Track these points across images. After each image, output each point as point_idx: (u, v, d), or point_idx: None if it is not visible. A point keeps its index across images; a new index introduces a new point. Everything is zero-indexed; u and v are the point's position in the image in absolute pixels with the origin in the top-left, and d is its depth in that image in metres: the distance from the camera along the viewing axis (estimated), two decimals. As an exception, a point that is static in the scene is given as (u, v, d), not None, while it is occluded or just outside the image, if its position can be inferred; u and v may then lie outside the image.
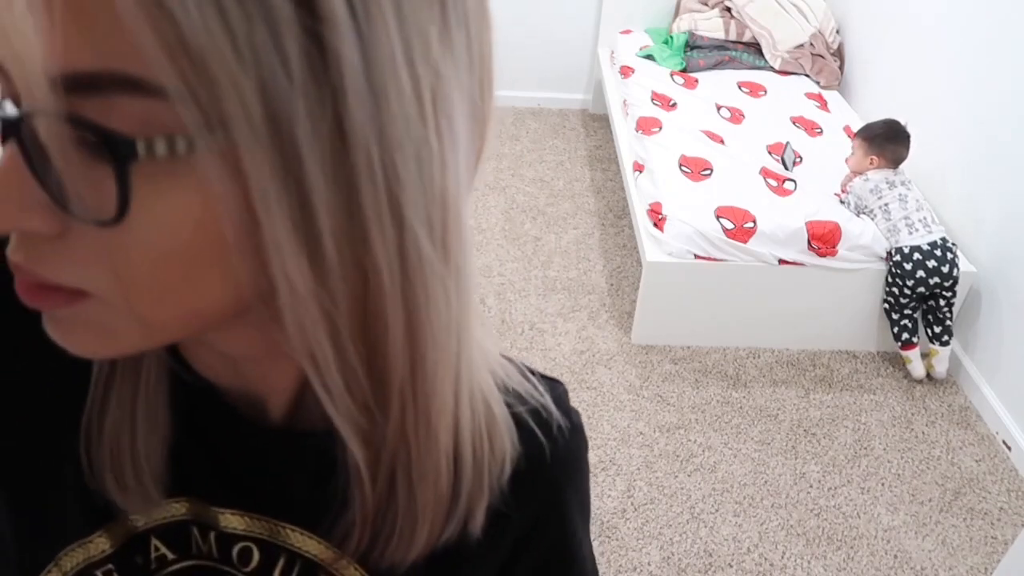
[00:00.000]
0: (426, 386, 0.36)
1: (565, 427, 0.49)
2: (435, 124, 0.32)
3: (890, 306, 2.54)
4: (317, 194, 0.29)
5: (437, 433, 0.38)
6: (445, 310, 0.35)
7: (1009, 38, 2.44)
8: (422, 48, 0.30)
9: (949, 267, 2.42)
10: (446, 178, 0.33)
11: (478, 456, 0.41)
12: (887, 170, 2.62)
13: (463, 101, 0.34)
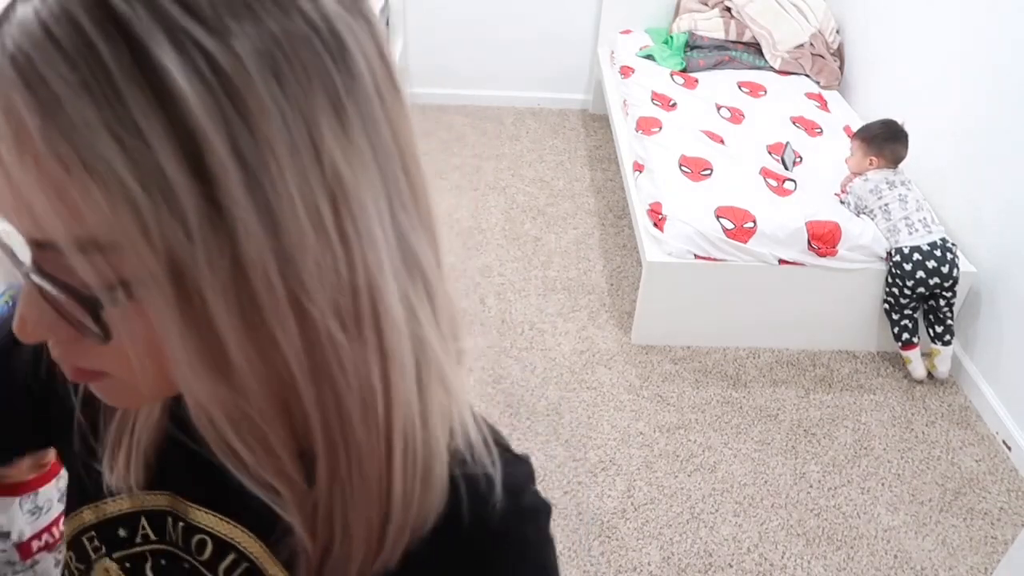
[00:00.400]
0: (356, 451, 0.41)
1: (501, 507, 0.47)
2: (338, 231, 0.36)
3: (890, 306, 2.54)
4: (220, 319, 0.35)
5: (370, 489, 0.42)
6: (367, 383, 0.40)
7: (1009, 38, 2.44)
8: (318, 173, 0.35)
9: (949, 267, 2.42)
10: (355, 273, 0.37)
11: (408, 507, 0.44)
12: (887, 170, 2.62)
13: (378, 196, 0.38)
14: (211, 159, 0.32)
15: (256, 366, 0.37)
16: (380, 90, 0.38)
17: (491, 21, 4.02)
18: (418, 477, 0.44)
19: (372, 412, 0.40)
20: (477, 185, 3.53)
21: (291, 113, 0.34)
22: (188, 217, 0.32)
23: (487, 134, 3.97)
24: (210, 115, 0.32)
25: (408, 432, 0.42)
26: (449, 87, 4.20)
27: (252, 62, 0.32)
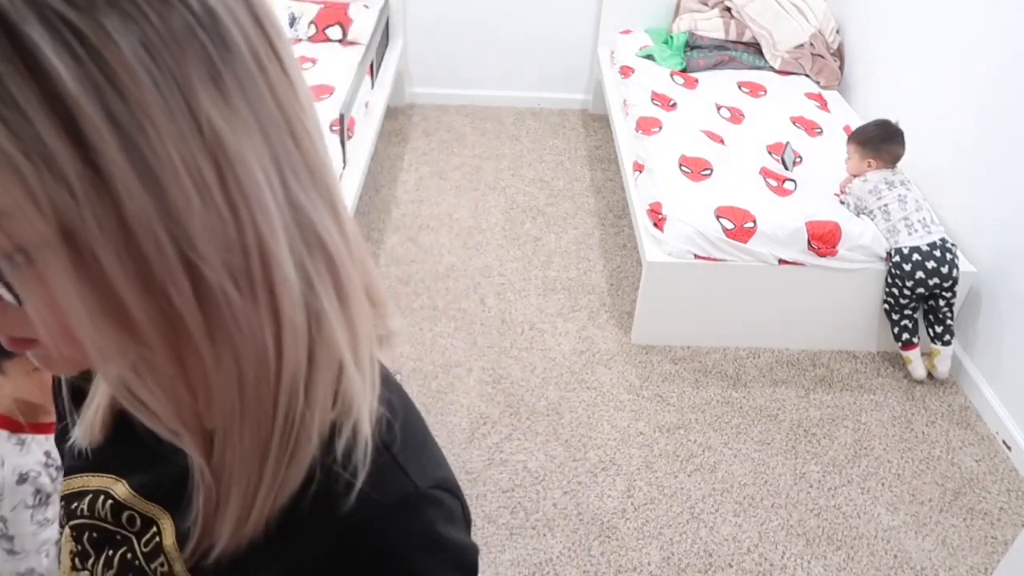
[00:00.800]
0: (248, 407, 0.44)
1: (350, 515, 0.47)
2: (223, 193, 0.38)
3: (890, 307, 2.54)
4: (116, 278, 0.38)
5: (254, 446, 0.45)
6: (260, 343, 0.42)
7: (1009, 38, 2.44)
8: (197, 137, 0.37)
9: (949, 267, 2.42)
10: (244, 234, 0.39)
11: (276, 474, 0.46)
12: (886, 170, 2.62)
13: (265, 162, 0.40)
14: (86, 126, 0.34)
15: (157, 321, 0.40)
16: (260, 60, 0.40)
17: (491, 21, 4.02)
18: (289, 447, 0.45)
19: (264, 371, 0.43)
20: (477, 185, 3.53)
21: (164, 80, 0.36)
22: (72, 182, 0.35)
23: (487, 134, 3.97)
24: (81, 85, 0.34)
25: (292, 399, 0.44)
26: (449, 87, 4.20)
27: (120, 34, 0.35)
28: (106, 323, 0.39)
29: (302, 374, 0.44)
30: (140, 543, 0.55)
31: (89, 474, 0.59)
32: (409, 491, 0.50)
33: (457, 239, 3.17)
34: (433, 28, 4.04)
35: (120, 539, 0.56)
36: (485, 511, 2.12)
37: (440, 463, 0.55)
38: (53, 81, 0.34)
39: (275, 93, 0.41)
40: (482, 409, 2.42)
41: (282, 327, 0.42)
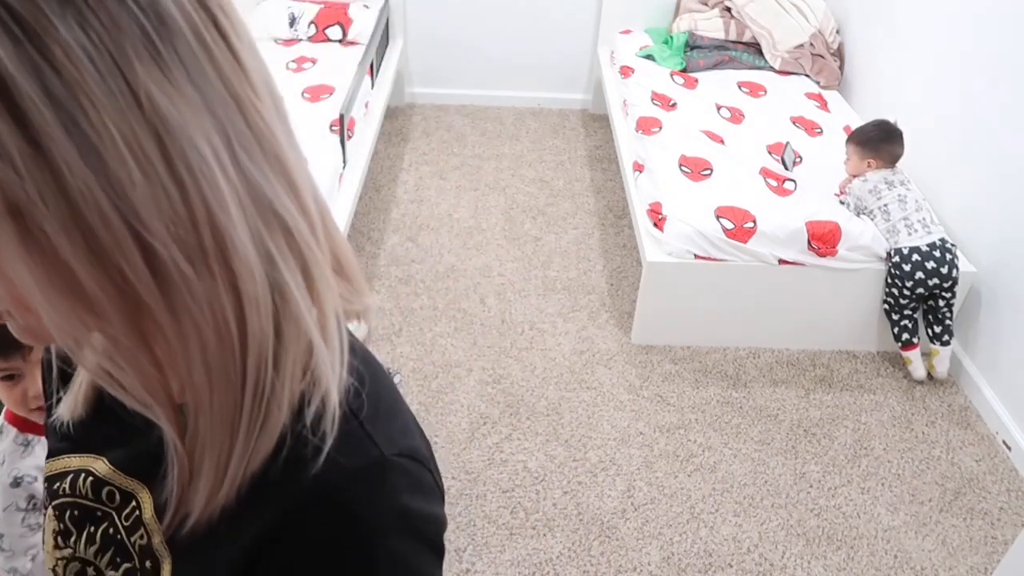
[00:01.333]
0: (215, 377, 0.44)
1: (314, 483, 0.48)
2: (167, 168, 0.39)
3: (890, 307, 2.54)
4: (64, 251, 0.38)
5: (224, 416, 0.46)
6: (221, 318, 0.43)
7: (1009, 37, 2.44)
8: (137, 113, 0.38)
9: (948, 268, 2.42)
10: (192, 208, 0.40)
11: (248, 442, 0.47)
12: (886, 170, 2.62)
13: (213, 139, 0.40)
14: (26, 104, 0.36)
15: (112, 295, 0.41)
16: (203, 39, 0.40)
17: (491, 21, 4.02)
18: (261, 416, 0.46)
19: (228, 344, 0.44)
20: (477, 185, 3.53)
21: (101, 58, 0.37)
22: (15, 158, 0.36)
23: (487, 134, 3.97)
24: (21, 64, 0.35)
25: (261, 369, 0.45)
26: (449, 87, 4.20)
27: (58, 16, 0.36)
28: (59, 296, 0.40)
29: (269, 347, 0.45)
30: (121, 517, 0.57)
31: (71, 455, 0.60)
32: (375, 457, 0.50)
33: (457, 239, 3.17)
34: (433, 28, 4.04)
35: (101, 515, 0.58)
36: (485, 511, 2.12)
37: (408, 432, 0.55)
38: None
39: (221, 73, 0.41)
40: (482, 409, 2.42)
41: (243, 301, 0.43)
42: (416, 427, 0.57)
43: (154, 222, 0.39)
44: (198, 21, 0.40)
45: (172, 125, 0.39)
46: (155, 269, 0.40)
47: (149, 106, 0.38)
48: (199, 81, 0.40)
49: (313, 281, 0.47)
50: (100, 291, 0.40)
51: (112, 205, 0.38)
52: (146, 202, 0.39)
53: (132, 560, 0.56)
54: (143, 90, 0.38)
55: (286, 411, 0.47)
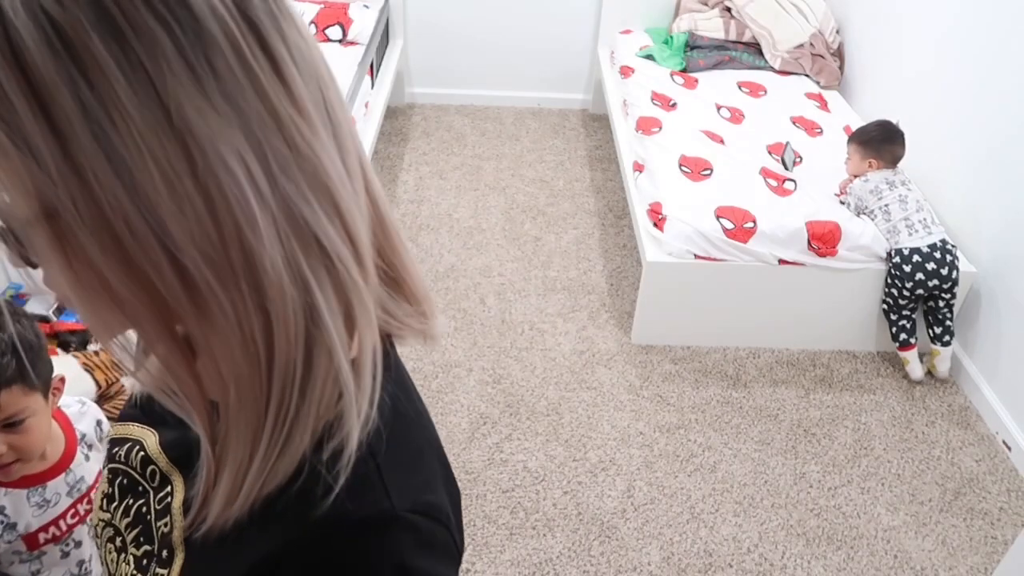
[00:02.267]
0: (243, 390, 0.44)
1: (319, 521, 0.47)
2: (194, 183, 0.39)
3: (888, 307, 2.54)
4: (96, 258, 0.40)
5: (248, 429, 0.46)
6: (250, 336, 0.42)
7: (1009, 37, 2.44)
8: (168, 129, 0.38)
9: (948, 269, 2.42)
10: (221, 227, 0.40)
11: (266, 462, 0.47)
12: (887, 170, 2.62)
13: (247, 158, 0.40)
14: (60, 115, 0.37)
15: (142, 299, 0.41)
16: (242, 55, 0.40)
17: (491, 21, 4.02)
18: (282, 438, 0.46)
19: (254, 362, 0.43)
20: (477, 185, 3.53)
21: (134, 71, 0.37)
22: (50, 166, 0.37)
23: (487, 134, 3.97)
24: (58, 76, 0.36)
25: (286, 392, 0.45)
26: (449, 87, 4.20)
27: (93, 27, 0.36)
28: (92, 297, 0.42)
29: (297, 372, 0.44)
30: (155, 500, 0.58)
31: (134, 423, 0.63)
32: (383, 509, 0.49)
33: (457, 239, 3.17)
34: (433, 28, 4.04)
35: (141, 491, 0.59)
36: (485, 511, 2.12)
37: (429, 485, 0.53)
38: (33, 71, 0.36)
39: (260, 90, 0.40)
40: (482, 409, 2.42)
41: (271, 323, 0.42)
42: (442, 477, 0.56)
43: (181, 235, 0.39)
44: (239, 38, 0.40)
45: (201, 140, 0.39)
46: (184, 279, 0.41)
47: (179, 120, 0.38)
48: (235, 98, 0.40)
49: (352, 312, 0.45)
50: (131, 296, 0.41)
51: (140, 216, 0.39)
52: (173, 215, 0.39)
53: (153, 544, 0.57)
54: (174, 104, 0.38)
55: (308, 439, 0.46)
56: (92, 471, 1.33)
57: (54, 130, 0.37)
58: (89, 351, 2.35)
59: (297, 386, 0.45)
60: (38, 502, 1.25)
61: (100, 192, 0.38)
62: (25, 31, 0.36)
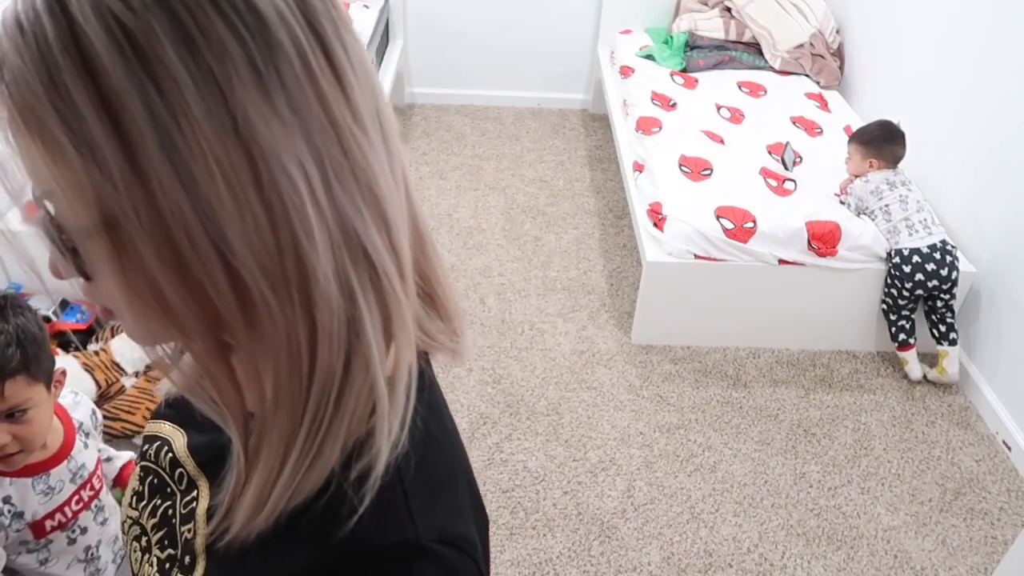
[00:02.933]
0: (281, 401, 0.44)
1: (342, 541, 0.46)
2: (257, 193, 0.39)
3: (888, 307, 2.54)
4: (152, 265, 0.39)
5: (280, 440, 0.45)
6: (295, 344, 0.42)
7: (1010, 37, 2.44)
8: (234, 138, 0.38)
9: (948, 270, 2.42)
10: (279, 235, 0.40)
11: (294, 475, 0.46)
12: (887, 171, 2.62)
13: (308, 168, 0.40)
14: (128, 121, 0.36)
15: (194, 310, 0.41)
16: (308, 65, 0.40)
17: (491, 21, 4.02)
18: (313, 450, 0.45)
19: (297, 371, 0.43)
20: (477, 185, 3.53)
21: (204, 79, 0.37)
22: (113, 173, 0.37)
23: (487, 134, 3.97)
24: (128, 83, 0.36)
25: (322, 402, 0.44)
26: (449, 87, 4.20)
27: (165, 34, 0.36)
28: (144, 308, 0.42)
29: (335, 382, 0.44)
30: (180, 503, 0.58)
31: (167, 422, 0.63)
32: (407, 538, 0.47)
33: (457, 239, 3.17)
34: (433, 28, 4.04)
35: (169, 492, 0.59)
36: (485, 511, 2.12)
37: (458, 512, 0.52)
38: (103, 77, 0.36)
39: (323, 100, 0.41)
40: (482, 409, 2.42)
41: (317, 332, 0.42)
42: (471, 504, 0.54)
43: (240, 245, 0.39)
44: (306, 46, 0.40)
45: (265, 149, 0.38)
46: (238, 289, 0.41)
47: (245, 129, 0.38)
48: (299, 107, 0.40)
49: (391, 325, 0.45)
50: (183, 306, 0.41)
51: (200, 225, 0.38)
52: (233, 224, 0.39)
53: (176, 549, 0.56)
54: (240, 113, 0.38)
55: (337, 455, 0.46)
56: (91, 458, 1.36)
57: (121, 137, 0.37)
58: (89, 351, 2.35)
59: (333, 397, 0.44)
60: (43, 490, 1.27)
61: (163, 200, 0.38)
62: (96, 37, 0.36)
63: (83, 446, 1.35)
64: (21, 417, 1.17)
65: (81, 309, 2.46)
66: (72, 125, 0.37)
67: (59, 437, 1.30)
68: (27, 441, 1.19)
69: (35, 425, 1.19)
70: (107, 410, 2.19)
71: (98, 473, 1.37)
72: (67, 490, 1.30)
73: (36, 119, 0.37)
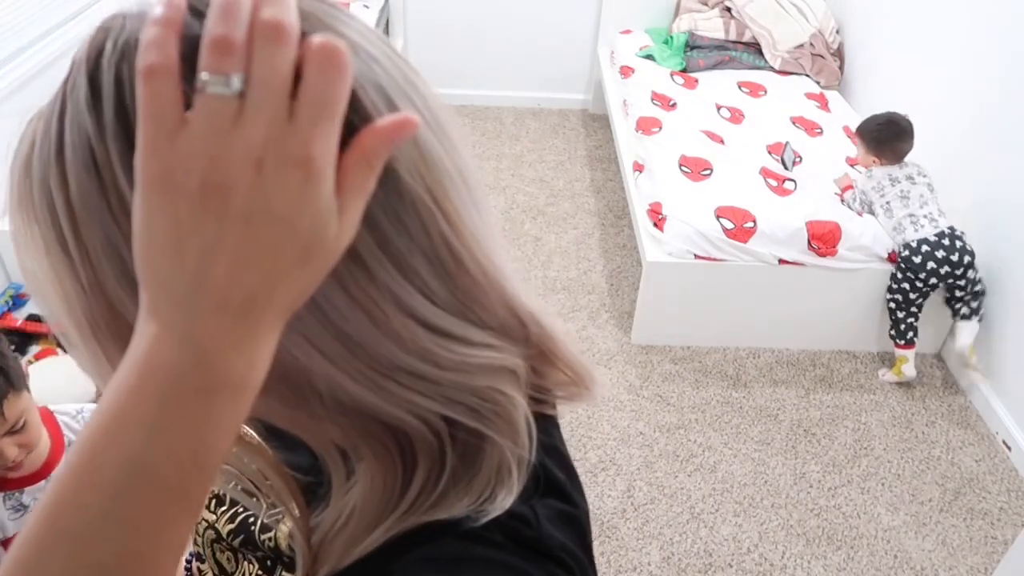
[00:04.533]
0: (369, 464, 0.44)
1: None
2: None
3: (896, 304, 2.49)
4: None
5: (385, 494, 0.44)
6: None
7: (1009, 38, 2.44)
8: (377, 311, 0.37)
9: (959, 254, 2.39)
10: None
11: (393, 528, 0.44)
12: (891, 167, 2.60)
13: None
14: (86, 234, 0.37)
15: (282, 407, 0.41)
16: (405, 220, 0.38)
17: (491, 21, 4.02)
18: (410, 517, 0.43)
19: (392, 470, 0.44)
20: (477, 185, 3.53)
21: None
22: (81, 277, 0.38)
23: (487, 134, 3.97)
24: (91, 201, 0.36)
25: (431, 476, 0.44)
26: (449, 87, 4.19)
27: (121, 162, 0.36)
28: None
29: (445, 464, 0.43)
30: (264, 514, 0.56)
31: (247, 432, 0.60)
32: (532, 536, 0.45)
33: (457, 239, 3.17)
34: (433, 28, 4.04)
35: (254, 501, 0.57)
36: (485, 511, 2.12)
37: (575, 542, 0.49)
38: (71, 193, 0.36)
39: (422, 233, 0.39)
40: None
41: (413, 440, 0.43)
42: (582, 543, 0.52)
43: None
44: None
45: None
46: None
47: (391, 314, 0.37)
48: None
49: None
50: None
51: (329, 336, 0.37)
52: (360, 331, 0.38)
53: (262, 551, 0.56)
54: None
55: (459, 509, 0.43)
56: None
57: (81, 248, 0.37)
58: (89, 351, 2.35)
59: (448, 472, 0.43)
60: (14, 506, 1.26)
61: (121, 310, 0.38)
62: (71, 151, 0.36)
63: None
64: (22, 427, 1.19)
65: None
66: (52, 227, 0.37)
67: (44, 454, 1.27)
68: (31, 445, 1.22)
69: (34, 428, 1.21)
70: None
71: None
72: None
73: (33, 208, 0.38)
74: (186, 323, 0.31)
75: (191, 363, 0.31)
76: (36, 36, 2.60)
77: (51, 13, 2.70)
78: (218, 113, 0.30)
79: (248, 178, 0.30)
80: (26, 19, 2.57)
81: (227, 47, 0.29)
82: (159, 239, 0.31)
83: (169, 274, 0.31)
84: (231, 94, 0.30)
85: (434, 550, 0.43)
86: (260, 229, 0.31)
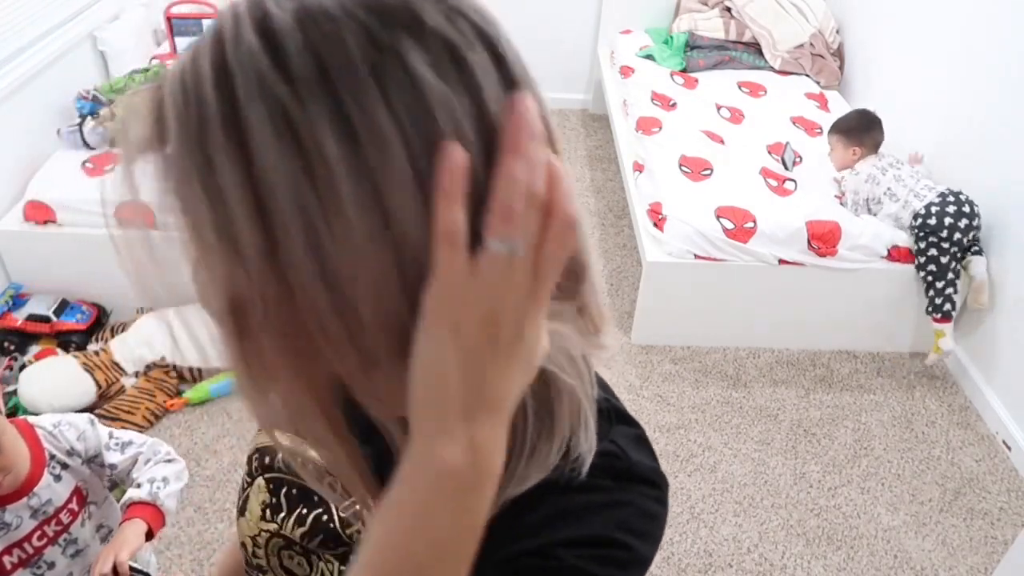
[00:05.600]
0: None
1: None
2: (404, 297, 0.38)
3: (932, 275, 2.45)
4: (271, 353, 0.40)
5: None
6: None
7: (1009, 38, 2.44)
8: (381, 237, 0.36)
9: (969, 206, 2.42)
10: None
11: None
12: (871, 157, 2.64)
13: None
14: (275, 212, 0.35)
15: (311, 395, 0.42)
16: None
17: (491, 21, 4.01)
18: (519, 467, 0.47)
19: None
20: (477, 185, 3.53)
21: (360, 176, 0.35)
22: (250, 263, 0.36)
23: (487, 134, 3.96)
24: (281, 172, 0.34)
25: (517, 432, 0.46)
26: (449, 87, 4.19)
27: (328, 125, 0.34)
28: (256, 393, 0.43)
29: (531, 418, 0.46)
30: (337, 509, 0.58)
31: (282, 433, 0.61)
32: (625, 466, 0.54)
33: (457, 239, 3.17)
34: (433, 28, 4.03)
35: (318, 500, 0.59)
36: (485, 511, 2.12)
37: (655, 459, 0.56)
38: (256, 164, 0.34)
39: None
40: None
41: None
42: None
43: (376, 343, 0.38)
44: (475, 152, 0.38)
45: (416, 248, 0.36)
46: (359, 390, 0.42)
47: (396, 228, 0.36)
48: None
49: None
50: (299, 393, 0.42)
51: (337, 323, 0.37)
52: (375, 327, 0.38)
53: (348, 545, 0.57)
54: (394, 210, 0.35)
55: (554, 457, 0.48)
56: (62, 492, 1.28)
57: (265, 227, 0.35)
58: (89, 351, 2.35)
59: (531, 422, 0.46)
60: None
61: (300, 297, 0.36)
62: (256, 120, 0.34)
63: (52, 479, 1.27)
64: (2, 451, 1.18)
65: (81, 309, 2.46)
66: (216, 208, 0.35)
67: (24, 471, 1.24)
68: (9, 467, 1.20)
69: (8, 448, 1.19)
70: (107, 410, 2.19)
71: (69, 507, 1.29)
72: (26, 525, 1.24)
73: (184, 195, 0.37)
74: (468, 431, 0.37)
75: (470, 463, 0.37)
76: (36, 36, 2.60)
77: (51, 13, 2.71)
78: (501, 266, 0.36)
79: (511, 314, 0.37)
80: (26, 19, 2.57)
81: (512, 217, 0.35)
82: (448, 364, 0.36)
83: (456, 391, 0.37)
84: (511, 254, 0.36)
85: (547, 509, 0.49)
86: (517, 349, 0.38)
